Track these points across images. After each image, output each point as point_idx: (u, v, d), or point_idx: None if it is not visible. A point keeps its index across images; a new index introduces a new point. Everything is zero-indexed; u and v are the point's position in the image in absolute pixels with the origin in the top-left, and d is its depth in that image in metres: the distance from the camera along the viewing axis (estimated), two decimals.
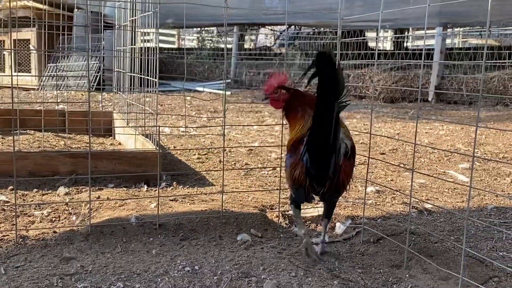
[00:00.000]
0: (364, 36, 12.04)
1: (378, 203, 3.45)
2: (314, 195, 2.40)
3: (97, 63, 10.31)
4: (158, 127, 3.86)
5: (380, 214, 3.17)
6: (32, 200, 3.27)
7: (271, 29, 15.94)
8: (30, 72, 10.61)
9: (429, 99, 10.02)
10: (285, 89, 2.49)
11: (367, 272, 2.37)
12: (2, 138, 4.82)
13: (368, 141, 2.54)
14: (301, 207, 2.65)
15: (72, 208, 3.10)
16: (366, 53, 10.43)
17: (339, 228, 2.91)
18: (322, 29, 12.84)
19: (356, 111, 8.61)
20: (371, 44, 12.94)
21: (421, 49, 6.09)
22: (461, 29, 12.85)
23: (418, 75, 10.00)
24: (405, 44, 13.17)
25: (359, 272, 2.36)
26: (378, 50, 11.90)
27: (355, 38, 10.42)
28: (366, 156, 2.84)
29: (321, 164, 2.19)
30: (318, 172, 2.23)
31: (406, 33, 13.29)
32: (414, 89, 6.66)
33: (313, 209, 3.17)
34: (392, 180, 4.12)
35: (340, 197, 3.47)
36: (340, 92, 2.06)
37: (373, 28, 11.65)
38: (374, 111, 8.39)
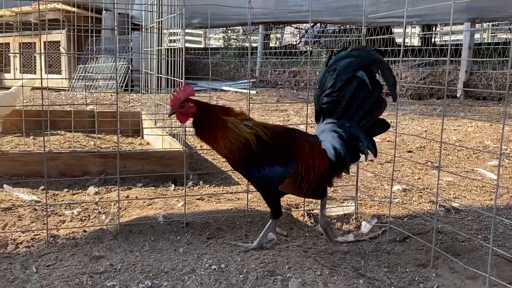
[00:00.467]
0: (391, 32, 11.92)
1: (404, 202, 3.43)
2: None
3: (125, 64, 10.46)
4: (185, 127, 3.91)
5: (407, 213, 3.15)
6: (62, 200, 3.35)
7: (296, 27, 15.91)
8: (60, 74, 10.82)
9: (458, 95, 9.87)
10: (192, 102, 2.41)
11: (393, 271, 2.36)
12: (33, 139, 4.95)
13: (394, 139, 2.54)
14: (325, 206, 2.68)
15: (101, 208, 3.17)
16: (393, 50, 10.33)
17: (365, 227, 2.91)
18: (348, 26, 12.76)
19: None
20: (399, 40, 12.80)
21: (450, 45, 6.01)
22: (490, 24, 12.62)
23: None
24: (433, 40, 12.99)
25: (385, 271, 2.35)
26: (405, 46, 11.77)
27: (381, 35, 10.33)
28: (392, 155, 2.83)
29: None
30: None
31: (434, 29, 13.11)
32: (441, 87, 6.58)
33: (338, 207, 3.18)
34: (419, 178, 4.09)
35: (366, 196, 3.48)
36: None
37: (399, 25, 11.52)
38: (401, 109, 8.30)
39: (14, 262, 2.36)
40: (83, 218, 3.01)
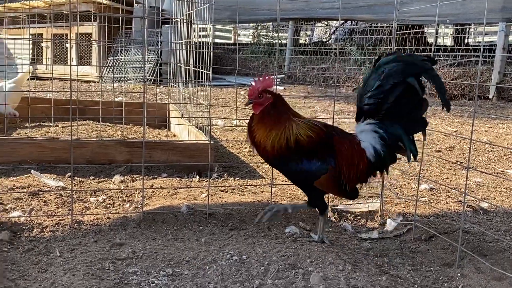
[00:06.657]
0: (423, 32, 11.72)
1: (431, 201, 3.36)
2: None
3: (154, 57, 10.53)
4: (210, 119, 3.92)
5: (433, 212, 3.09)
6: (88, 187, 3.39)
7: (327, 24, 15.78)
8: (91, 65, 10.95)
9: (490, 96, 9.66)
10: (269, 93, 2.47)
11: (417, 270, 2.32)
12: (62, 127, 5.01)
13: (423, 138, 2.49)
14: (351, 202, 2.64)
15: (126, 196, 3.19)
16: (424, 48, 10.16)
17: (390, 224, 2.87)
18: (379, 24, 12.60)
19: None
20: (430, 39, 12.58)
21: (483, 45, 5.88)
22: None
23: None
24: (466, 40, 12.73)
25: (409, 269, 2.31)
26: (438, 45, 11.57)
27: (413, 33, 10.17)
28: (420, 153, 2.77)
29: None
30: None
31: (467, 29, 12.84)
32: (472, 83, 6.42)
33: (363, 204, 3.14)
34: (447, 178, 4.01)
35: (392, 194, 3.42)
36: None
37: (432, 23, 11.31)
38: (430, 108, 8.15)
39: (39, 245, 2.39)
40: (108, 205, 3.04)
